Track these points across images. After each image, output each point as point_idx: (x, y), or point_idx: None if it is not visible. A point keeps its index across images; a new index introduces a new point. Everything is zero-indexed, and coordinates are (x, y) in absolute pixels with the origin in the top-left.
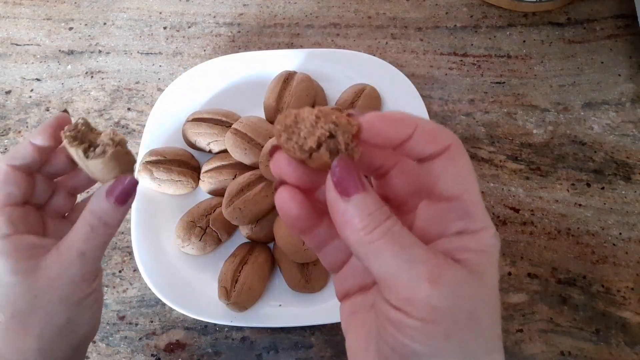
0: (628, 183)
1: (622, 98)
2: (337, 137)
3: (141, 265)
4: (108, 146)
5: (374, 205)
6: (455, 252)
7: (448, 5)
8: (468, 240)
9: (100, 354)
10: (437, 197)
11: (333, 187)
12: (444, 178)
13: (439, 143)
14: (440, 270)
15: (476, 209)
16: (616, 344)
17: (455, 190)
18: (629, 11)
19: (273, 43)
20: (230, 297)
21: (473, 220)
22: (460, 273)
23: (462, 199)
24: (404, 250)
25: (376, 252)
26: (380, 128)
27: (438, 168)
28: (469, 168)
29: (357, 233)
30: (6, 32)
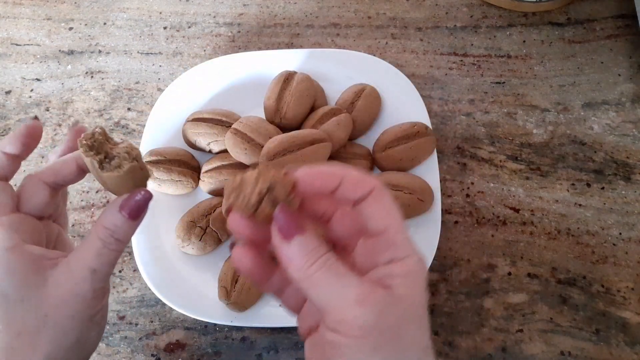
0: (628, 183)
1: (622, 98)
2: (275, 191)
3: (141, 265)
4: (125, 160)
5: (313, 244)
6: (384, 279)
7: (448, 5)
8: (394, 268)
9: (100, 354)
10: (369, 234)
11: (277, 232)
12: (371, 217)
13: (363, 188)
14: (366, 293)
15: (399, 240)
16: (616, 344)
17: (381, 226)
18: (629, 11)
19: (273, 43)
20: (230, 297)
21: (398, 249)
22: (385, 295)
23: (387, 233)
24: (338, 279)
25: (315, 283)
26: (311, 181)
27: (366, 209)
28: (390, 205)
29: (299, 270)
30: (6, 32)
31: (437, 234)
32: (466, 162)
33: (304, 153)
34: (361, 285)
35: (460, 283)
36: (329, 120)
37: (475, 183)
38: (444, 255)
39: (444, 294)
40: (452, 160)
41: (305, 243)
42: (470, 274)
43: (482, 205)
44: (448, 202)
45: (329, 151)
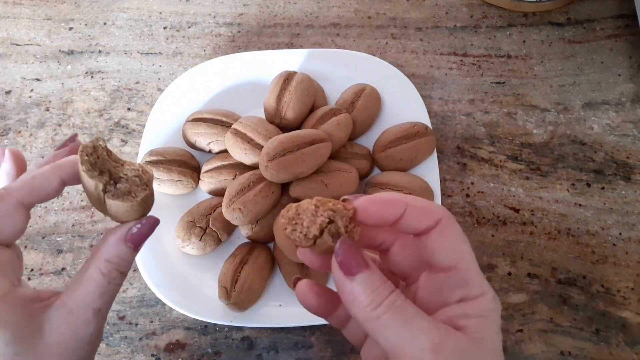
0: (628, 183)
1: (622, 98)
2: (336, 222)
3: (141, 265)
4: (136, 186)
5: (378, 282)
6: (457, 320)
7: (448, 5)
8: (468, 308)
9: (100, 354)
10: (436, 268)
11: (338, 268)
12: (439, 250)
13: (430, 218)
14: (442, 339)
15: (473, 276)
16: (616, 344)
17: (451, 261)
18: (629, 11)
19: (273, 43)
20: (230, 297)
21: (471, 287)
22: (461, 341)
23: (458, 268)
24: (408, 322)
25: (382, 326)
26: (373, 210)
27: (432, 241)
28: (461, 238)
29: (364, 310)
30: (6, 32)
31: None
32: (466, 162)
33: (304, 153)
34: (435, 330)
35: None
36: (329, 120)
37: (475, 183)
38: None
39: None
40: (452, 160)
41: (370, 281)
42: None
43: (482, 205)
44: (448, 202)
45: (329, 151)
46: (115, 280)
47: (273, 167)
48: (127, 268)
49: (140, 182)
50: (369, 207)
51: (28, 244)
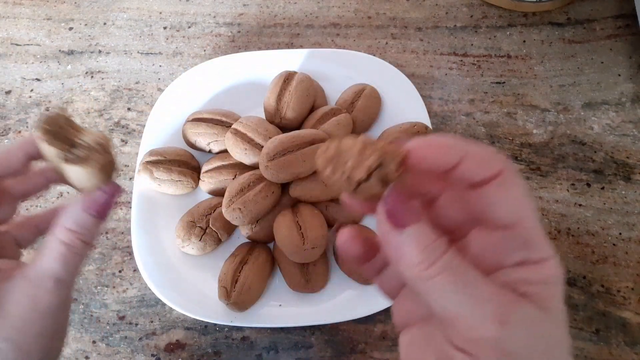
0: (628, 183)
1: (622, 98)
2: (386, 166)
3: (141, 265)
4: (94, 152)
5: (431, 237)
6: (518, 285)
7: (448, 5)
8: (531, 272)
9: (100, 354)
10: (492, 225)
11: (385, 218)
12: (499, 205)
13: (490, 168)
14: (509, 308)
15: (536, 237)
16: (616, 344)
17: (512, 217)
18: (629, 11)
19: (273, 43)
20: (230, 297)
21: (534, 249)
22: (531, 311)
23: (520, 227)
24: (468, 286)
25: (437, 288)
26: (427, 154)
27: (491, 195)
28: (524, 193)
29: (414, 268)
30: (6, 32)
31: None
32: None
33: (304, 153)
34: (500, 297)
35: None
36: (329, 120)
37: None
38: None
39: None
40: None
41: (422, 235)
42: None
43: None
44: None
45: None
46: (78, 250)
47: (273, 167)
48: (91, 238)
49: (100, 149)
50: (423, 151)
51: None
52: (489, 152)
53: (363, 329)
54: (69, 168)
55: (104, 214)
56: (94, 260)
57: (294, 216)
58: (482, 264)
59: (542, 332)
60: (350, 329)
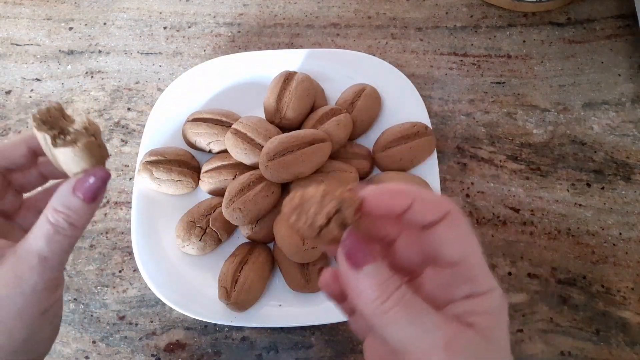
0: (628, 183)
1: (622, 98)
2: (344, 212)
3: (141, 265)
4: (81, 135)
5: (385, 275)
6: (465, 316)
7: (448, 5)
8: (475, 304)
9: (100, 354)
10: (442, 263)
11: (344, 259)
12: (446, 244)
13: (437, 211)
14: (455, 336)
15: (480, 272)
16: (616, 344)
17: (458, 255)
18: (629, 11)
19: (273, 43)
20: (230, 297)
21: (478, 283)
22: (473, 338)
23: (465, 264)
24: (418, 317)
25: (390, 321)
26: (380, 200)
27: (439, 235)
28: (468, 232)
29: (371, 304)
30: (6, 32)
31: None
32: (466, 162)
33: (304, 153)
34: (447, 326)
35: None
36: (329, 120)
37: (475, 183)
38: None
39: None
40: (452, 160)
41: (377, 273)
42: None
43: (482, 205)
44: None
45: (329, 151)
46: (64, 231)
47: (273, 167)
48: (79, 221)
49: (87, 133)
50: (377, 197)
51: None
52: (436, 197)
53: None
54: (58, 152)
55: (91, 198)
56: (94, 260)
57: None
58: (435, 300)
59: (484, 358)
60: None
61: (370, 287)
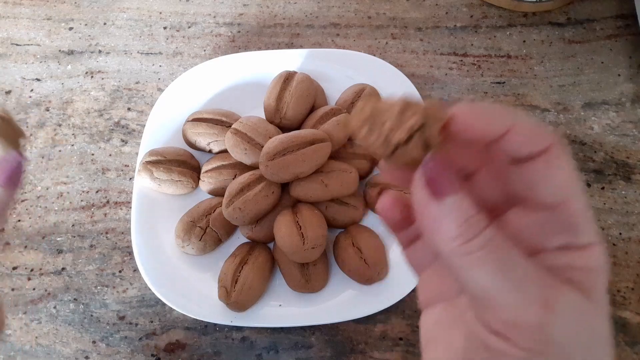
0: (628, 183)
1: (622, 98)
2: (428, 130)
3: (141, 265)
4: None
5: (472, 210)
6: (562, 270)
7: (448, 5)
8: (575, 257)
9: (100, 354)
10: (534, 204)
11: (423, 186)
12: (544, 183)
13: (539, 143)
14: (554, 293)
15: (582, 221)
16: (616, 344)
17: (558, 197)
18: (629, 11)
19: (273, 43)
20: (230, 297)
21: (580, 233)
22: (577, 298)
23: (565, 208)
24: (509, 266)
25: (474, 265)
26: (473, 121)
27: (537, 171)
28: (572, 171)
29: (451, 242)
30: (6, 32)
31: None
32: None
33: (304, 153)
34: (544, 280)
35: None
36: (329, 120)
37: None
38: None
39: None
40: None
41: (463, 207)
42: None
43: None
44: None
45: (329, 151)
46: None
47: (273, 167)
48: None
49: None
50: (469, 116)
51: (28, 244)
52: (538, 126)
53: (363, 329)
54: None
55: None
56: (94, 260)
57: (294, 216)
58: (520, 246)
59: (587, 322)
60: (350, 329)
61: (453, 222)
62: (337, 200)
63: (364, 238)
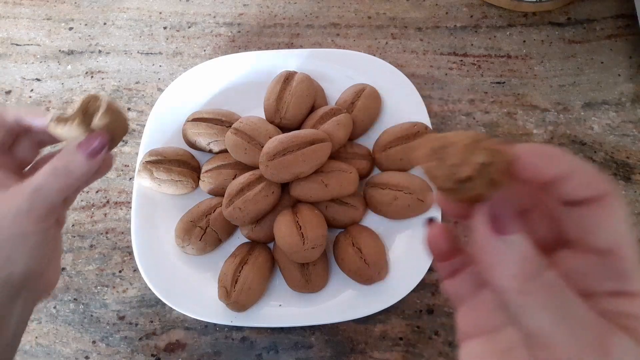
0: (628, 183)
1: (622, 98)
2: (493, 167)
3: (141, 265)
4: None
5: (532, 251)
6: (618, 317)
7: (448, 5)
8: (626, 305)
9: (100, 354)
10: (586, 249)
11: (487, 222)
12: (599, 228)
13: (596, 188)
14: (608, 339)
15: (633, 268)
16: None
17: (611, 243)
18: (629, 11)
19: (273, 43)
20: (230, 297)
21: (631, 280)
22: (633, 345)
23: (617, 255)
24: (568, 308)
25: (532, 305)
26: (537, 161)
27: (592, 216)
28: (627, 221)
29: (511, 279)
30: (6, 32)
31: None
32: None
33: (304, 153)
34: (599, 326)
35: None
36: (329, 120)
37: None
38: None
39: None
40: None
41: (524, 247)
42: None
43: None
44: None
45: (329, 151)
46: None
47: (273, 167)
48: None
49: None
50: (533, 157)
51: None
52: (596, 171)
53: (363, 329)
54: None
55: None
56: (94, 260)
57: (294, 216)
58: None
59: None
60: (350, 329)
61: (513, 260)
62: (337, 200)
63: (364, 238)
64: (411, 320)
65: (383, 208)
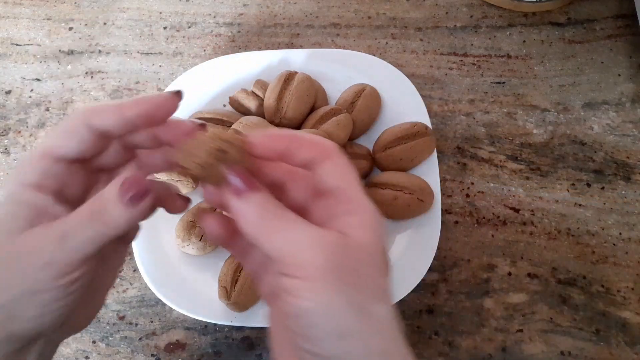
0: (628, 183)
1: (622, 98)
2: (229, 152)
3: (141, 265)
4: None
5: (267, 199)
6: (342, 229)
7: (448, 5)
8: (351, 219)
9: (100, 354)
10: (325, 194)
11: (231, 192)
12: (327, 177)
13: (318, 150)
14: (321, 235)
15: (356, 197)
16: (616, 344)
17: (337, 184)
18: (629, 11)
19: (273, 43)
20: (230, 297)
21: (354, 205)
22: (339, 237)
23: (343, 191)
24: (291, 225)
25: (268, 232)
26: (265, 142)
27: (321, 170)
28: (346, 166)
29: (252, 222)
30: (6, 32)
31: (437, 234)
32: (466, 162)
33: None
34: (314, 230)
35: (460, 283)
36: (329, 120)
37: (475, 183)
38: (444, 256)
39: (444, 294)
40: (452, 160)
41: (260, 199)
42: (470, 274)
43: (482, 205)
44: (448, 202)
45: None
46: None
47: None
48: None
49: None
50: (259, 138)
51: None
52: (316, 137)
53: None
54: None
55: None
56: None
57: None
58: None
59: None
60: None
61: (253, 209)
62: None
63: None
64: (411, 320)
65: (383, 208)
